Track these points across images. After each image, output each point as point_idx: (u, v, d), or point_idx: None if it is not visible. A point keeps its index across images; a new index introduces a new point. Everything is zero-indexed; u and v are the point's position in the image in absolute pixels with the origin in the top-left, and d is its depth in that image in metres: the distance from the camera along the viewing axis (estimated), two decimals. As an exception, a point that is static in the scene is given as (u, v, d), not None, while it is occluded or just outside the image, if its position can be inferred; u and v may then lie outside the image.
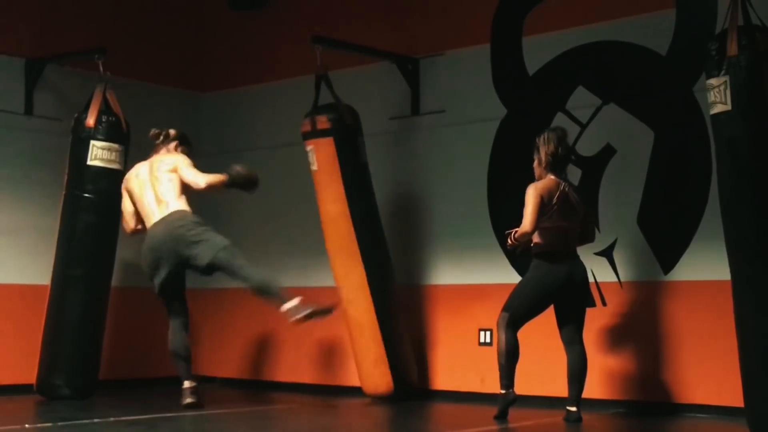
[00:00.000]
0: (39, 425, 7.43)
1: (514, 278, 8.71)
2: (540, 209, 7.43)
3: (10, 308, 9.44)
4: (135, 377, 8.66)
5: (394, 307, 8.84)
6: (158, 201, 8.13)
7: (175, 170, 8.14)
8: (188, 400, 7.98)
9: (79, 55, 9.39)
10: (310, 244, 9.48)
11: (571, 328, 7.63)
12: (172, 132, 8.42)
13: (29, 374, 8.94)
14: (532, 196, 7.46)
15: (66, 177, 8.92)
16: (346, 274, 8.71)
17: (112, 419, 7.45)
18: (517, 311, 7.61)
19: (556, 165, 7.58)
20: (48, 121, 9.65)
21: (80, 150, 8.83)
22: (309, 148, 8.74)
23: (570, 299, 7.63)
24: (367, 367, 8.72)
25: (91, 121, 8.81)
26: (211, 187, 8.13)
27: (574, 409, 7.54)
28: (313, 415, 8.38)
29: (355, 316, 8.70)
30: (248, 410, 8.42)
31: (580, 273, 7.61)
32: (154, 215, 8.09)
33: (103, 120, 8.85)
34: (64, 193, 8.93)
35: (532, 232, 7.48)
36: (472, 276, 8.66)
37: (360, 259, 8.65)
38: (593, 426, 7.59)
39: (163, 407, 8.08)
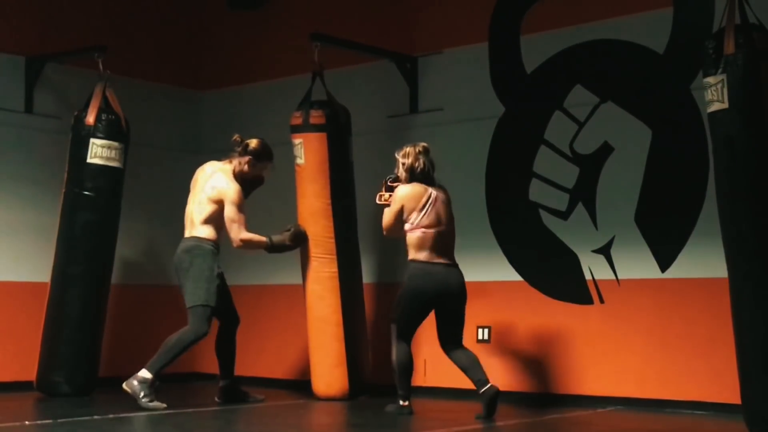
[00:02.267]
0: (39, 422, 7.43)
1: (512, 276, 8.84)
2: (401, 214, 7.75)
3: (10, 306, 9.43)
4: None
5: (359, 307, 8.92)
6: (190, 219, 8.27)
7: (219, 202, 8.17)
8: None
9: (79, 53, 9.40)
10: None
11: (451, 334, 7.75)
12: (252, 144, 8.36)
13: (29, 371, 8.95)
14: (396, 199, 7.77)
15: (66, 175, 8.93)
16: (317, 269, 8.70)
17: (111, 416, 7.46)
18: (402, 324, 7.76)
19: (414, 179, 7.78)
20: (48, 119, 9.65)
21: (80, 148, 8.83)
22: (297, 141, 8.74)
23: (450, 307, 7.73)
24: (325, 367, 8.71)
25: (90, 119, 8.81)
26: (244, 247, 8.25)
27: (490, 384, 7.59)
28: (312, 412, 8.39)
29: (321, 312, 8.72)
30: (249, 407, 8.40)
31: (459, 284, 7.72)
32: (185, 229, 8.30)
33: (103, 118, 8.85)
34: (63, 190, 8.93)
35: (387, 232, 7.90)
36: (469, 274, 8.61)
37: (335, 255, 8.68)
38: (589, 423, 7.61)
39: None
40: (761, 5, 6.73)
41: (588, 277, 8.52)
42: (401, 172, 7.80)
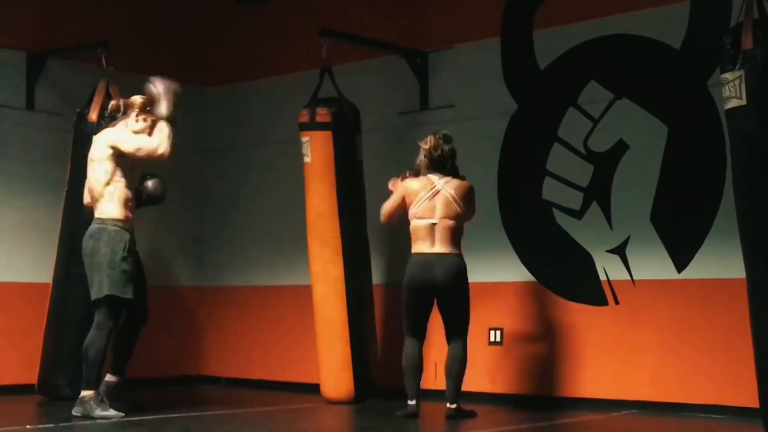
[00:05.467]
0: (41, 426, 7.41)
1: (524, 276, 8.87)
2: (401, 205, 7.83)
3: (12, 307, 9.42)
4: (137, 377, 8.64)
5: (367, 308, 8.87)
6: (93, 197, 7.71)
7: (115, 153, 7.58)
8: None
9: (82, 49, 9.41)
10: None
11: (447, 326, 7.73)
12: (128, 98, 7.85)
13: (31, 374, 8.94)
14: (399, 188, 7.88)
15: (68, 172, 8.87)
16: (323, 270, 8.64)
17: (114, 420, 7.41)
18: (405, 319, 7.80)
19: (432, 165, 7.78)
20: (50, 116, 9.65)
21: (83, 145, 8.66)
22: (305, 139, 8.71)
23: (440, 297, 7.70)
24: (330, 368, 8.67)
25: (93, 115, 8.77)
26: (171, 147, 7.57)
27: (449, 405, 7.61)
28: (320, 416, 8.37)
29: (327, 313, 8.67)
30: (253, 411, 8.43)
31: (445, 271, 7.64)
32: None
33: (106, 114, 8.67)
34: (66, 189, 8.90)
35: (385, 219, 7.94)
36: (481, 274, 8.63)
37: (341, 256, 8.61)
38: (606, 426, 7.62)
39: (165, 408, 8.09)
40: (780, -1, 6.73)
41: (602, 277, 8.49)
42: (421, 159, 7.82)
